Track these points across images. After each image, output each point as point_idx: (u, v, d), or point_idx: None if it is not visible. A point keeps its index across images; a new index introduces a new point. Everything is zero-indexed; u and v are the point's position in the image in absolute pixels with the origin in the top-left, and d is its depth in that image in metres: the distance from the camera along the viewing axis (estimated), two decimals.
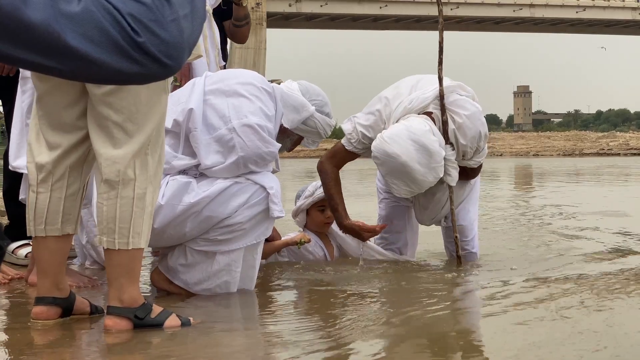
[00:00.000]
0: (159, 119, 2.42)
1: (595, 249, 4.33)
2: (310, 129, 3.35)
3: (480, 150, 3.74)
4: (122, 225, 2.40)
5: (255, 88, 3.08)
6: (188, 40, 1.32)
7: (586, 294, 2.97)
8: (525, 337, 2.35)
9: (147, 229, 2.44)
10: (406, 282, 3.41)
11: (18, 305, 2.95)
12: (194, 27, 1.34)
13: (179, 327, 2.46)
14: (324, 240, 4.02)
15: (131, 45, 1.22)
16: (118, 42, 1.21)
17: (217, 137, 2.97)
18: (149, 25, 1.25)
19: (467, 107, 3.67)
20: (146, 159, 2.40)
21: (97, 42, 1.19)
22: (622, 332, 2.40)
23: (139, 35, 1.23)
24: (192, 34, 1.33)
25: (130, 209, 2.40)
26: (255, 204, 2.97)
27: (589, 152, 42.75)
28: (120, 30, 1.21)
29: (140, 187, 2.40)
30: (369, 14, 61.45)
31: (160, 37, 1.25)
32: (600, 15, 68.33)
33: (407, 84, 3.83)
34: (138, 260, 2.46)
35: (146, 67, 1.25)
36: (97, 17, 1.19)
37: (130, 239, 2.40)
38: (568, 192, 10.22)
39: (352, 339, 2.34)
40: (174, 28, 1.28)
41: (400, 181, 3.55)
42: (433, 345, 2.35)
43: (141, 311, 2.44)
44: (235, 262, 3.01)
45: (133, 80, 1.28)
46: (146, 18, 1.25)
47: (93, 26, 1.18)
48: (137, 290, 2.47)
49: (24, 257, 3.94)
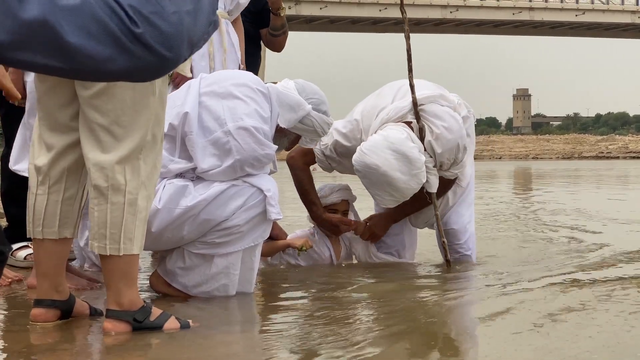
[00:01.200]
0: (150, 123, 2.39)
1: (594, 250, 4.33)
2: (308, 128, 3.33)
3: (457, 162, 3.74)
4: (113, 231, 2.38)
5: (250, 89, 3.07)
6: (189, 34, 1.31)
7: (585, 296, 2.97)
8: (524, 339, 2.35)
9: (140, 234, 2.42)
10: (404, 285, 3.41)
11: (17, 307, 2.95)
12: (197, 23, 1.34)
13: (178, 330, 2.46)
14: (332, 240, 4.03)
15: (128, 37, 1.22)
16: (115, 33, 1.20)
17: (213, 140, 2.96)
18: (148, 16, 1.25)
19: (445, 119, 3.67)
20: (138, 164, 2.37)
21: (94, 34, 1.18)
22: (623, 338, 2.40)
23: (137, 26, 1.23)
24: (193, 29, 1.33)
25: (121, 214, 2.37)
26: (253, 207, 2.97)
27: (588, 155, 42.79)
28: (119, 21, 1.21)
29: (131, 193, 2.38)
30: (369, 17, 61.46)
31: (159, 29, 1.25)
32: (600, 19, 68.37)
33: (389, 92, 3.85)
34: (134, 264, 2.44)
35: (142, 60, 1.25)
36: (95, 9, 1.19)
37: (121, 245, 2.38)
38: (567, 194, 10.23)
39: (351, 342, 2.34)
40: (174, 20, 1.28)
41: (383, 192, 3.57)
42: (432, 348, 2.35)
43: (140, 314, 2.44)
44: (234, 265, 3.01)
45: (131, 75, 1.28)
46: (146, 9, 1.25)
47: (90, 18, 1.18)
48: (135, 293, 2.46)
49: (23, 259, 3.94)
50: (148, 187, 2.41)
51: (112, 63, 1.23)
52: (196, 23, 1.34)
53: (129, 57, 1.24)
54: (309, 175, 3.95)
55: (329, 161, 3.93)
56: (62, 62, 1.20)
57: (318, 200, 3.92)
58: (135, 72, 1.27)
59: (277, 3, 4.49)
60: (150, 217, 2.89)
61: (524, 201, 9.60)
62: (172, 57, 1.29)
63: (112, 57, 1.22)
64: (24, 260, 3.93)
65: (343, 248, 4.06)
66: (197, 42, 1.36)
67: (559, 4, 65.92)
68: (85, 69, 1.22)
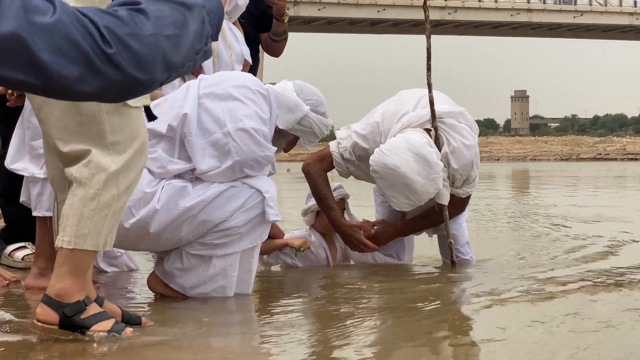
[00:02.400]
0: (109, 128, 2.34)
1: (592, 253, 4.33)
2: (306, 129, 3.33)
3: (470, 180, 3.76)
4: (69, 223, 2.34)
5: (250, 91, 3.07)
6: (165, 59, 1.32)
7: (584, 299, 2.97)
8: (523, 342, 2.35)
9: (98, 231, 2.34)
10: (404, 286, 3.41)
11: (16, 308, 2.94)
12: (178, 48, 1.35)
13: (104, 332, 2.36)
14: (328, 242, 4.03)
15: (100, 57, 1.23)
16: (87, 53, 1.21)
17: (213, 142, 2.96)
18: (123, 37, 1.25)
19: (465, 135, 3.71)
20: (106, 160, 2.33)
21: (66, 53, 1.19)
22: (623, 341, 2.40)
23: (110, 46, 1.23)
24: (172, 54, 1.33)
25: (79, 208, 2.33)
26: (251, 208, 2.97)
27: (586, 157, 42.82)
28: (92, 41, 1.22)
29: (92, 188, 2.33)
30: (367, 18, 61.50)
31: (132, 50, 1.26)
32: (598, 20, 68.46)
33: (410, 98, 3.84)
34: (86, 259, 2.37)
35: (113, 80, 1.25)
36: (69, 28, 1.20)
37: (74, 239, 2.33)
38: (565, 197, 10.23)
39: (349, 344, 2.34)
40: (149, 42, 1.29)
41: (400, 194, 3.55)
42: (431, 350, 2.35)
43: (70, 309, 2.35)
44: (232, 267, 3.01)
45: (103, 95, 1.28)
46: (121, 31, 1.25)
47: (63, 37, 1.19)
48: (77, 285, 2.36)
49: (21, 260, 3.94)
50: (119, 185, 2.35)
51: (83, 83, 1.23)
52: (177, 48, 1.35)
53: (100, 78, 1.25)
54: (326, 180, 3.89)
55: (347, 165, 3.87)
56: (34, 79, 1.20)
57: (336, 205, 3.87)
58: (107, 93, 1.28)
59: (283, 9, 4.48)
60: (149, 218, 2.90)
61: (522, 203, 9.60)
62: (144, 79, 1.29)
63: (83, 77, 1.23)
64: (22, 261, 3.93)
65: (339, 250, 4.06)
66: (177, 66, 1.36)
67: (557, 5, 65.98)
68: (57, 87, 1.22)
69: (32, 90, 1.23)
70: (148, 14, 1.30)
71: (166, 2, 1.38)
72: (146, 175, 2.94)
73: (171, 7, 1.37)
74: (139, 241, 2.98)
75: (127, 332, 2.39)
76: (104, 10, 1.28)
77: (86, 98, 1.27)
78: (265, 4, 4.50)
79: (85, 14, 1.23)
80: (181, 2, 1.39)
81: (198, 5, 1.42)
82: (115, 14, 1.27)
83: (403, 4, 58.96)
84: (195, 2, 1.42)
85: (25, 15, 1.15)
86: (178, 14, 1.36)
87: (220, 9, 1.51)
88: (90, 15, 1.23)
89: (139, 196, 2.89)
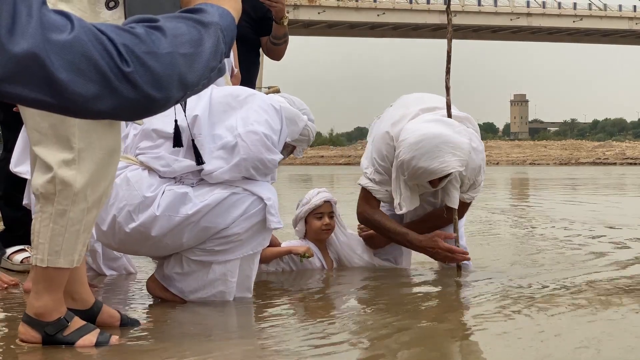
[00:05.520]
0: (72, 130, 2.25)
1: (591, 256, 4.34)
2: (304, 138, 3.41)
3: (476, 185, 3.78)
4: (41, 241, 2.28)
5: (264, 103, 3.11)
6: (180, 76, 1.31)
7: (583, 302, 2.97)
8: (524, 347, 2.34)
9: (70, 247, 2.28)
10: (402, 291, 3.41)
11: (14, 311, 2.94)
12: (193, 67, 1.34)
13: (91, 347, 2.32)
14: (322, 251, 4.03)
15: (117, 75, 1.21)
16: (104, 71, 1.20)
17: (222, 145, 2.98)
18: (140, 56, 1.24)
19: (474, 140, 3.73)
20: (71, 175, 2.24)
21: (83, 71, 1.18)
22: (624, 344, 2.40)
23: (127, 65, 1.22)
24: (187, 72, 1.32)
25: (48, 225, 2.27)
26: (253, 215, 2.97)
27: (585, 162, 42.84)
28: (109, 59, 1.20)
29: (60, 204, 2.25)
30: (366, 22, 61.59)
31: (150, 69, 1.25)
32: (597, 25, 68.58)
33: (412, 102, 3.84)
34: (60, 276, 2.31)
35: (129, 99, 1.24)
36: (86, 46, 1.18)
37: (47, 257, 2.27)
38: (565, 200, 10.24)
39: (348, 349, 2.33)
40: (166, 60, 1.28)
41: (446, 153, 3.52)
42: (431, 354, 2.35)
43: (52, 327, 2.31)
44: (231, 272, 3.01)
45: (119, 114, 1.27)
46: (139, 49, 1.24)
47: (81, 55, 1.17)
48: (55, 302, 2.31)
49: (20, 263, 3.94)
50: (88, 199, 2.27)
51: (100, 101, 1.22)
52: (192, 66, 1.34)
53: (116, 96, 1.23)
54: (382, 214, 3.87)
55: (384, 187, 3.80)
56: (51, 97, 1.18)
57: (405, 228, 3.84)
58: (122, 111, 1.26)
59: (281, 12, 4.49)
60: (149, 224, 2.89)
61: (521, 208, 9.61)
62: (160, 98, 1.28)
63: (99, 95, 1.21)
64: (21, 263, 3.93)
65: (334, 261, 4.05)
66: (192, 84, 1.35)
67: (556, 10, 66.10)
68: (73, 106, 1.20)
69: (47, 109, 1.21)
70: (165, 32, 1.29)
71: (183, 19, 1.36)
72: (146, 178, 2.94)
73: (188, 25, 1.36)
74: (140, 246, 2.98)
75: (114, 341, 2.37)
76: (121, 27, 1.27)
77: (101, 116, 1.25)
78: (264, 7, 4.50)
79: (104, 31, 1.21)
80: (198, 20, 1.38)
81: (214, 23, 1.41)
82: (132, 31, 1.26)
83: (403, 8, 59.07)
84: (212, 19, 1.41)
85: (43, 33, 1.14)
86: (195, 31, 1.36)
87: (234, 27, 1.50)
88: (108, 32, 1.22)
89: (138, 200, 2.89)
